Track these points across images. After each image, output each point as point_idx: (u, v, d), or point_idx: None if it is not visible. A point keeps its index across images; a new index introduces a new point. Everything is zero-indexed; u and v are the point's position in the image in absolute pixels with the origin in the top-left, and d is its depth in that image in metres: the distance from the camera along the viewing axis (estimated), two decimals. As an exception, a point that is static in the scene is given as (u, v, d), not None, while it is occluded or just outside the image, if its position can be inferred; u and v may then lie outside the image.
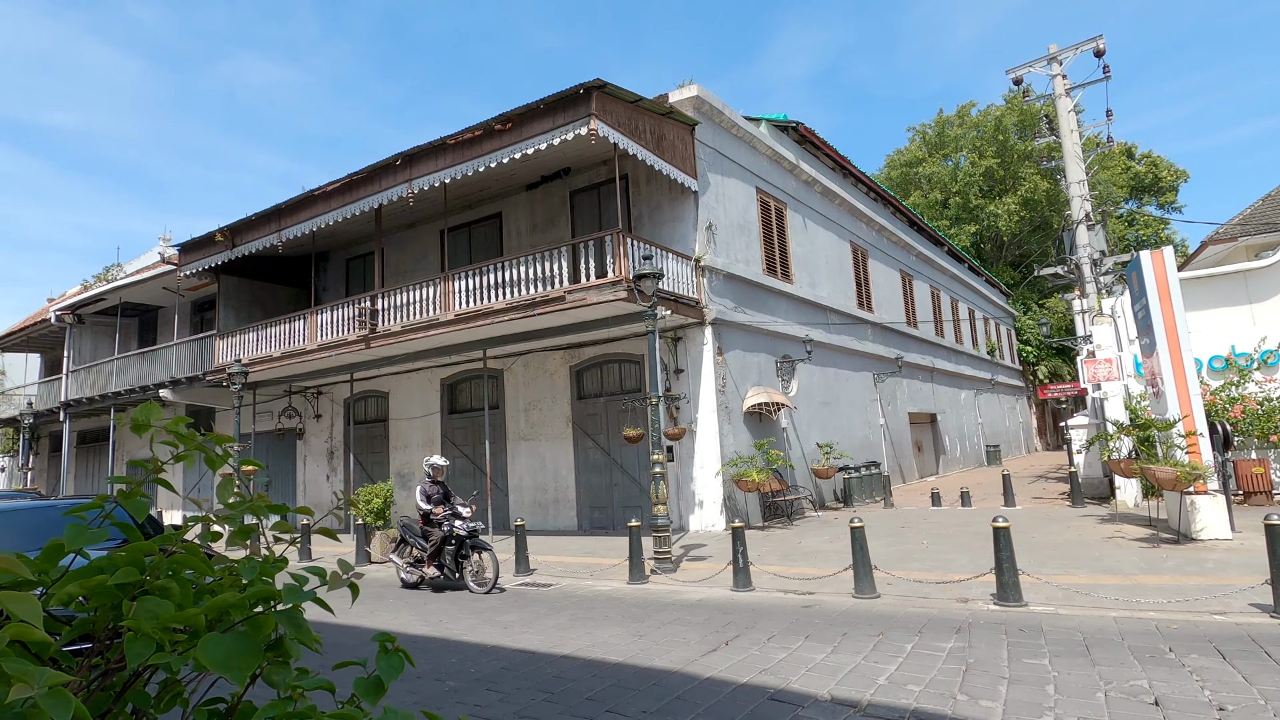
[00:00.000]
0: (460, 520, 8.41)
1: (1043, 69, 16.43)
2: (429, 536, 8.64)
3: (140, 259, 29.00)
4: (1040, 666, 4.56)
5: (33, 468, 23.47)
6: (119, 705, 0.99)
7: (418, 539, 8.81)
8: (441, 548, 8.48)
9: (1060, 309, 33.26)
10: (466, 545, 8.40)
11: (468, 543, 8.39)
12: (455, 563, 8.42)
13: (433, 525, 8.56)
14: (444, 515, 8.47)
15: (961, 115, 39.25)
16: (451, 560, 8.42)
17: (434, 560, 8.52)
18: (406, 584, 8.84)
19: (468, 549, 8.40)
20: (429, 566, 8.52)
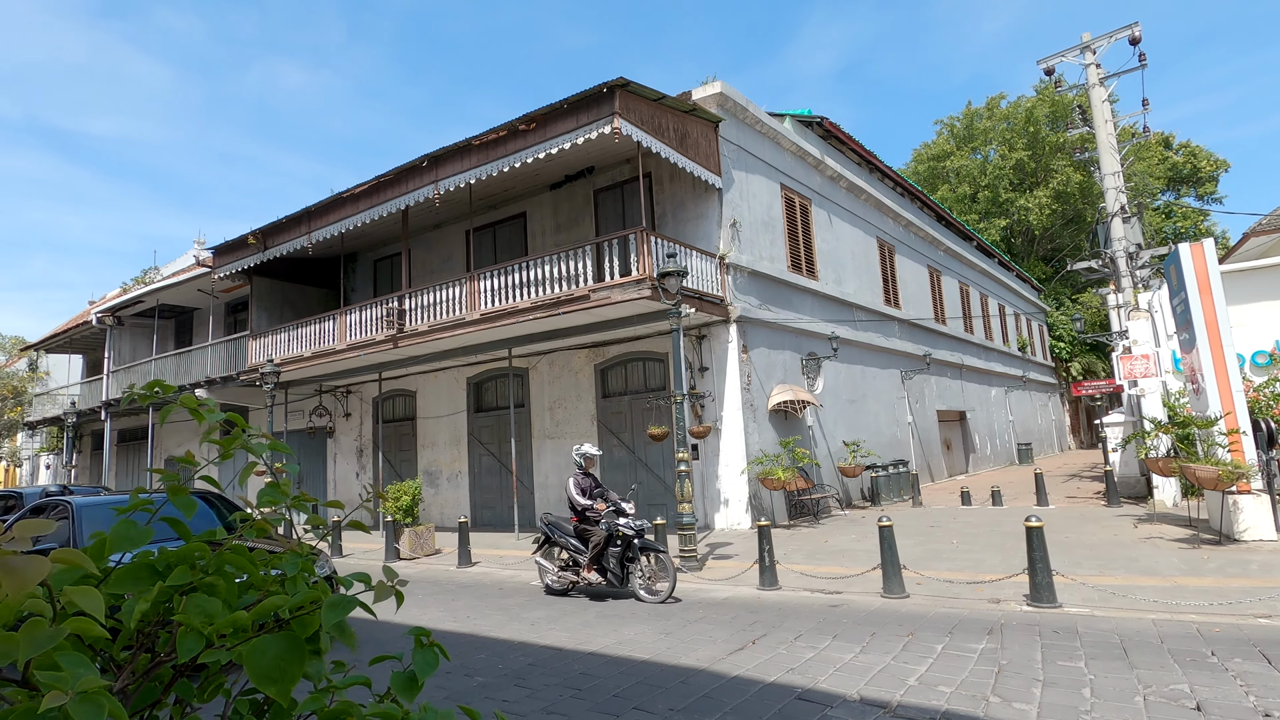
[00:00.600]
0: (624, 518, 7.46)
1: (1075, 58, 16.04)
2: (586, 537, 7.62)
3: (176, 261, 29.75)
4: (1076, 669, 4.46)
5: (76, 465, 24.24)
6: (165, 697, 1.02)
7: (569, 539, 7.78)
8: (605, 549, 7.46)
9: (1094, 304, 32.48)
10: (634, 547, 7.39)
11: (635, 544, 7.38)
12: (621, 567, 7.41)
13: (590, 524, 7.61)
14: (606, 512, 7.54)
15: (991, 107, 38.50)
16: (616, 564, 7.40)
17: (595, 564, 7.50)
18: (552, 590, 7.91)
19: (635, 551, 7.40)
20: (588, 571, 7.50)
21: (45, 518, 6.21)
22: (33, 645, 0.65)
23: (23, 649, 0.65)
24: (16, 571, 0.65)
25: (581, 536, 7.69)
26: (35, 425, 25.80)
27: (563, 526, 7.89)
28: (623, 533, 7.37)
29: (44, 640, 0.66)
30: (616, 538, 7.41)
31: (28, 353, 28.89)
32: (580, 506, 7.65)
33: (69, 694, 0.63)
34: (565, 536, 7.81)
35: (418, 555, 11.50)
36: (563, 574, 7.75)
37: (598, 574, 7.48)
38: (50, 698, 0.62)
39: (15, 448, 30.87)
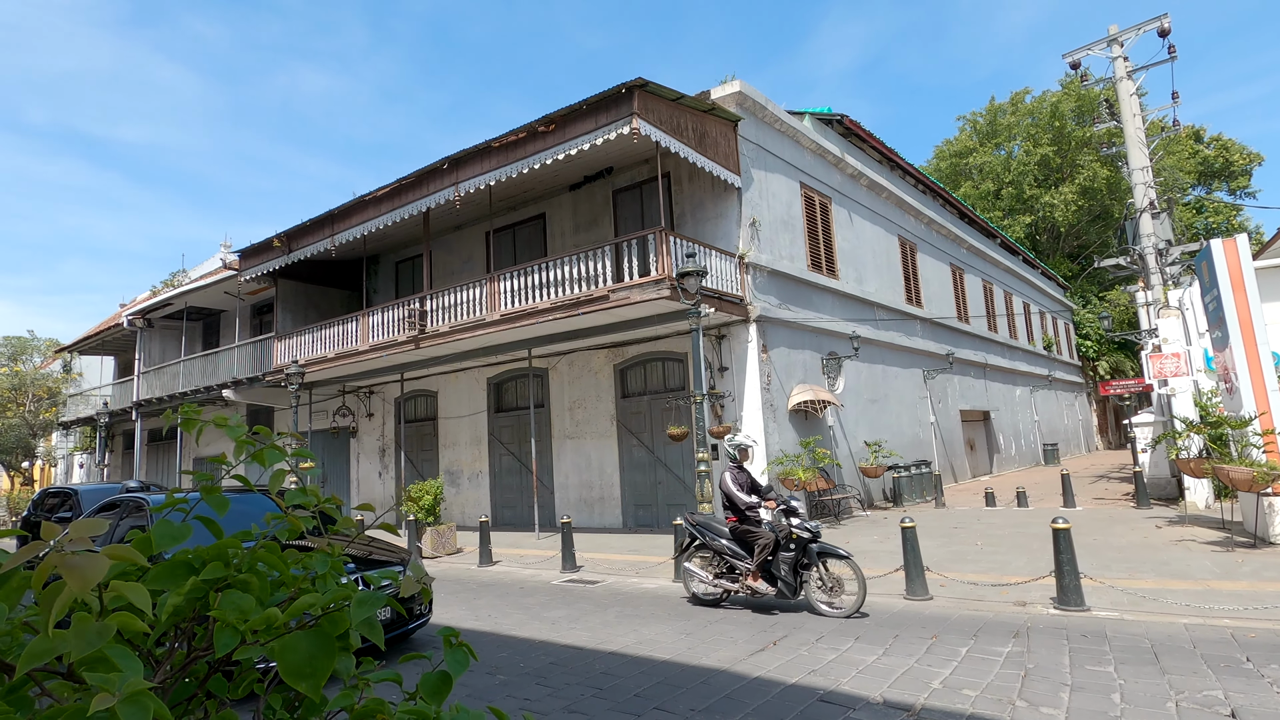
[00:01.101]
0: (797, 518, 6.49)
1: (1102, 51, 15.74)
2: (747, 540, 6.66)
3: (204, 264, 30.33)
4: (1105, 674, 4.38)
5: (108, 464, 24.81)
6: (200, 693, 1.04)
7: (726, 542, 6.77)
8: (775, 554, 6.52)
9: (1122, 302, 31.85)
10: (810, 551, 6.39)
11: (811, 548, 6.38)
12: (794, 575, 6.43)
13: (751, 524, 6.69)
14: (776, 511, 6.63)
15: (1015, 102, 37.92)
16: (789, 571, 6.41)
17: (763, 571, 6.57)
18: (700, 599, 6.98)
19: (811, 556, 6.39)
20: (754, 579, 6.51)
21: (119, 513, 6.24)
22: (83, 643, 0.68)
23: (74, 646, 0.67)
24: (78, 570, 0.67)
25: (741, 540, 6.69)
26: (69, 425, 26.45)
27: (714, 528, 6.91)
28: (797, 535, 6.38)
29: (93, 637, 0.68)
30: (790, 541, 6.42)
31: (62, 355, 29.64)
32: (744, 505, 6.66)
33: (116, 695, 0.65)
34: (719, 539, 6.80)
35: (439, 554, 11.61)
36: (718, 581, 6.73)
37: (765, 582, 6.52)
38: (99, 699, 0.64)
39: (50, 447, 31.68)
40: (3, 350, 31.61)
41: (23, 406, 29.79)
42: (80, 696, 0.82)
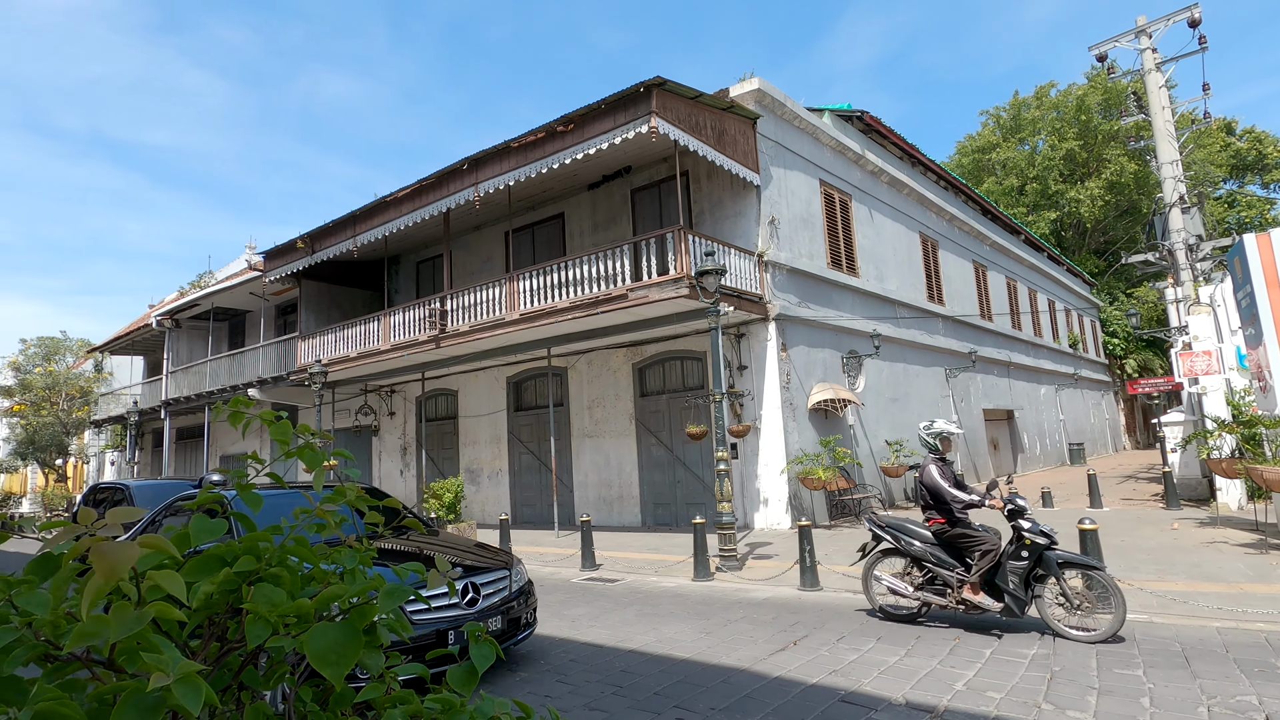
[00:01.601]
0: (1027, 519, 5.36)
1: (1130, 43, 15.42)
2: (963, 545, 5.55)
3: (229, 266, 30.87)
4: (1134, 677, 4.31)
5: (138, 461, 25.36)
6: (234, 683, 1.07)
7: (930, 547, 5.70)
8: (999, 563, 5.39)
9: (1151, 299, 31.19)
10: (1049, 561, 5.23)
11: (1049, 556, 5.23)
12: (1025, 588, 5.29)
13: (964, 526, 5.59)
14: (1011, 509, 5.40)
15: (1039, 96, 37.28)
16: (1020, 584, 5.27)
17: (983, 582, 5.47)
18: (890, 613, 5.94)
19: (1050, 566, 5.22)
20: (973, 592, 5.45)
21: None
22: (122, 627, 0.70)
23: (113, 630, 0.69)
24: (109, 557, 0.70)
25: (950, 545, 5.64)
26: (101, 423, 27.08)
27: (910, 529, 5.88)
28: (1031, 540, 5.26)
29: (131, 623, 0.71)
30: (1022, 548, 5.31)
31: (93, 355, 30.35)
32: (962, 502, 5.50)
33: (170, 676, 0.67)
34: (919, 543, 5.75)
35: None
36: (920, 593, 5.67)
37: (988, 596, 5.45)
38: (155, 678, 0.66)
39: (83, 445, 32.44)
40: (37, 350, 32.41)
41: (56, 405, 30.55)
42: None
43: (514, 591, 5.18)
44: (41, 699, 0.70)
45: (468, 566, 5.08)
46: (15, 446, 31.84)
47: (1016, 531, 5.37)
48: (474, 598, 4.82)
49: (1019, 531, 5.34)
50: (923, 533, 5.82)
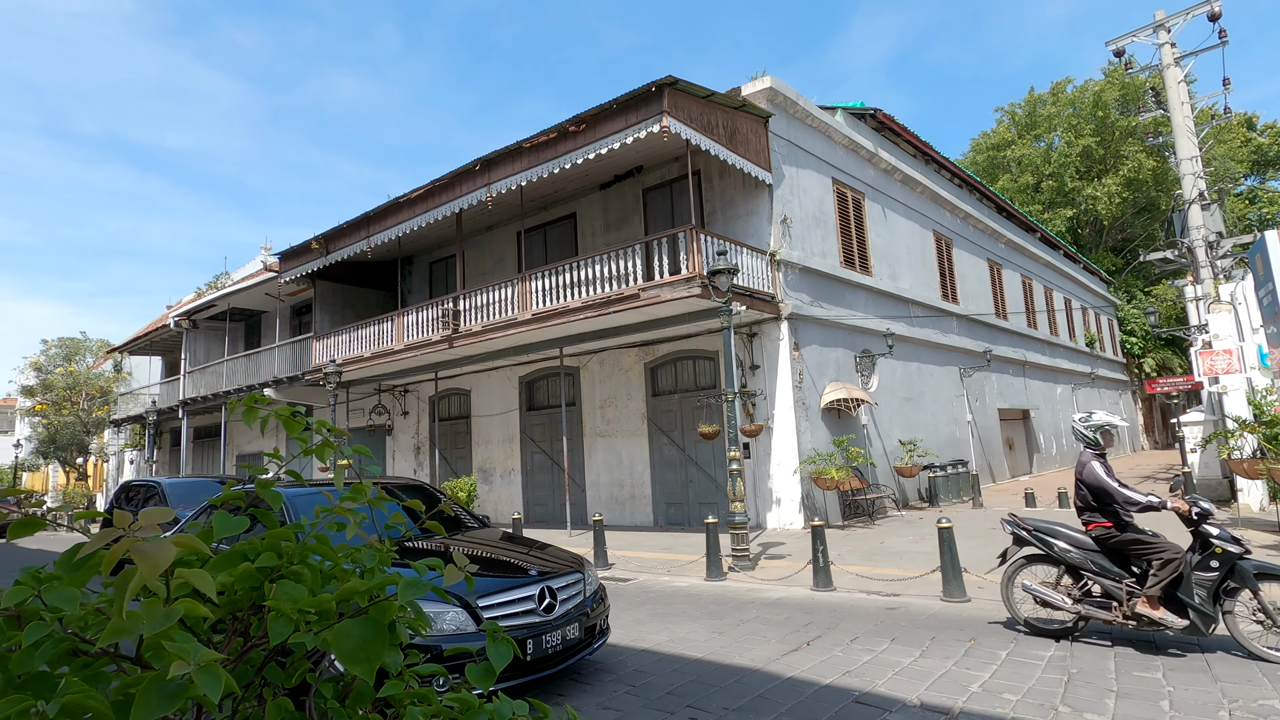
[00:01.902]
0: (1214, 525, 4.77)
1: (1148, 38, 15.23)
2: (1135, 552, 4.92)
3: (245, 267, 31.19)
4: (1153, 680, 4.26)
5: (156, 460, 25.70)
6: (257, 679, 1.08)
7: (1091, 555, 5.08)
8: (1181, 574, 4.73)
9: (1170, 297, 30.75)
10: (1243, 572, 4.58)
11: (1242, 566, 4.60)
12: (1212, 602, 4.64)
13: (1137, 532, 4.97)
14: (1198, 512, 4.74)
15: (1055, 92, 36.87)
16: (1207, 598, 4.63)
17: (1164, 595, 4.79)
18: (1038, 627, 5.32)
19: (1245, 578, 4.57)
20: (1151, 606, 4.77)
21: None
22: (153, 623, 0.71)
23: (146, 627, 0.71)
24: (149, 556, 0.71)
25: (1116, 552, 5.01)
26: (120, 423, 27.47)
27: (1061, 533, 5.25)
28: (1222, 549, 4.64)
29: (161, 619, 0.72)
30: (1210, 558, 4.69)
31: (113, 355, 30.79)
32: (1138, 504, 4.84)
33: (191, 664, 0.68)
34: (1076, 550, 5.12)
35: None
36: (1081, 605, 5.03)
37: (1169, 611, 4.76)
38: (176, 666, 0.68)
39: (103, 444, 32.93)
40: (58, 351, 32.95)
41: (77, 405, 31.03)
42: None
43: (589, 596, 4.87)
44: (69, 692, 0.72)
45: (542, 570, 4.70)
46: (37, 445, 32.38)
47: (1201, 538, 4.76)
48: (551, 604, 4.48)
49: (1206, 538, 4.73)
50: (1079, 537, 5.18)
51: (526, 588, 4.44)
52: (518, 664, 4.06)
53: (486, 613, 4.14)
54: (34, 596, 0.90)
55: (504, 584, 4.45)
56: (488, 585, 4.38)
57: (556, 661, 4.36)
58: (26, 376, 32.55)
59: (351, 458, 1.40)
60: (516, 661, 3.88)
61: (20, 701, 0.68)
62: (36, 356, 32.63)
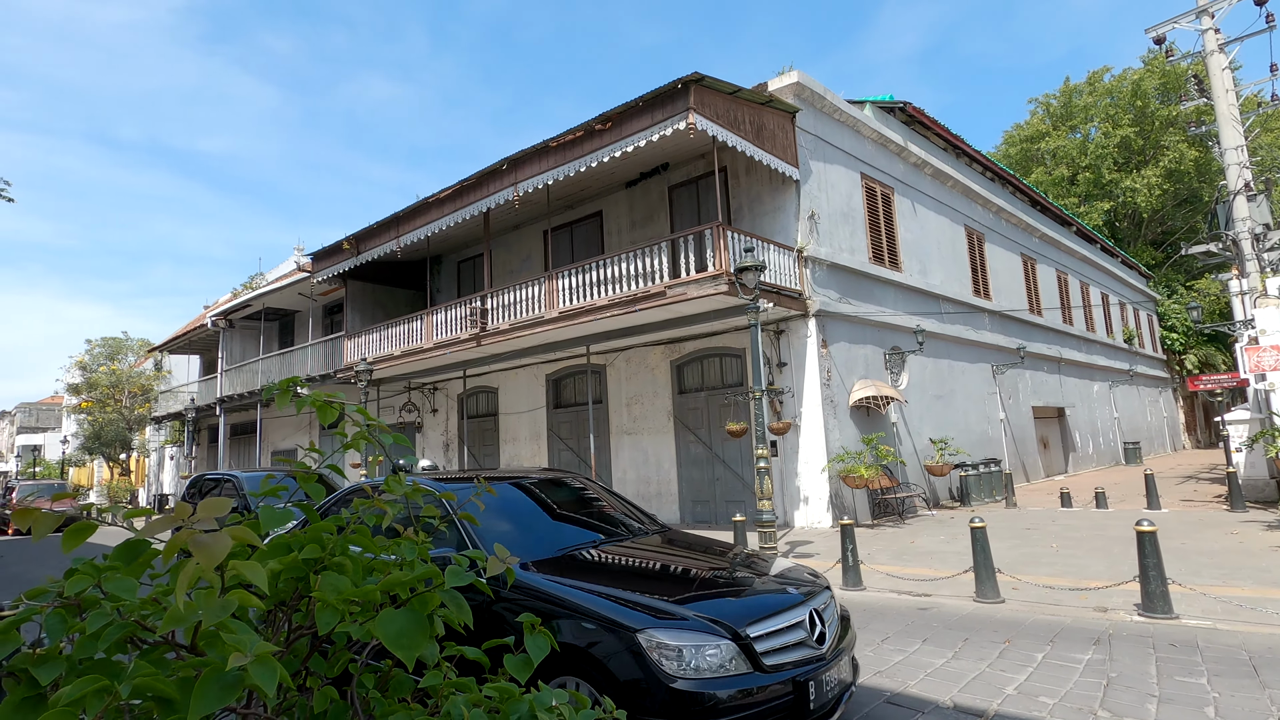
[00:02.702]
0: None
1: (1190, 24, 14.75)
2: None
3: (279, 267, 31.86)
4: (1197, 686, 4.14)
5: (195, 456, 26.42)
6: (303, 668, 1.11)
7: None
8: None
9: (1213, 291, 29.81)
10: None
11: None
12: None
13: None
14: None
15: (1092, 82, 35.91)
16: None
17: None
18: None
19: None
20: None
21: None
22: (211, 613, 0.74)
23: (205, 616, 0.73)
24: (207, 547, 0.73)
25: None
26: (160, 420, 28.29)
27: None
28: None
29: (218, 610, 0.75)
30: None
31: (153, 354, 31.71)
32: None
33: (248, 656, 0.71)
34: None
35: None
36: None
37: None
38: (234, 658, 0.70)
39: (144, 440, 33.94)
40: (101, 350, 34.02)
41: (120, 402, 32.02)
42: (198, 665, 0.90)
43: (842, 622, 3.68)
44: (138, 675, 0.74)
45: (799, 588, 3.53)
46: (83, 442, 33.49)
47: None
48: (821, 632, 3.32)
49: None
50: None
51: (793, 610, 3.25)
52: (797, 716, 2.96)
53: (759, 645, 3.00)
54: (93, 586, 0.94)
55: (767, 604, 3.26)
56: (745, 608, 3.21)
57: (830, 712, 3.16)
58: (72, 375, 33.70)
59: (391, 448, 1.43)
60: (795, 713, 2.97)
61: (95, 682, 0.71)
62: (81, 356, 33.74)
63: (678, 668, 2.83)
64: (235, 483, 9.95)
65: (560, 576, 3.41)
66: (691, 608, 3.10)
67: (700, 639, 2.90)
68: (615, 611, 3.04)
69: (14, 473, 51.74)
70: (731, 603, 3.29)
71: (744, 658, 2.94)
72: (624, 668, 2.88)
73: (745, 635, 2.98)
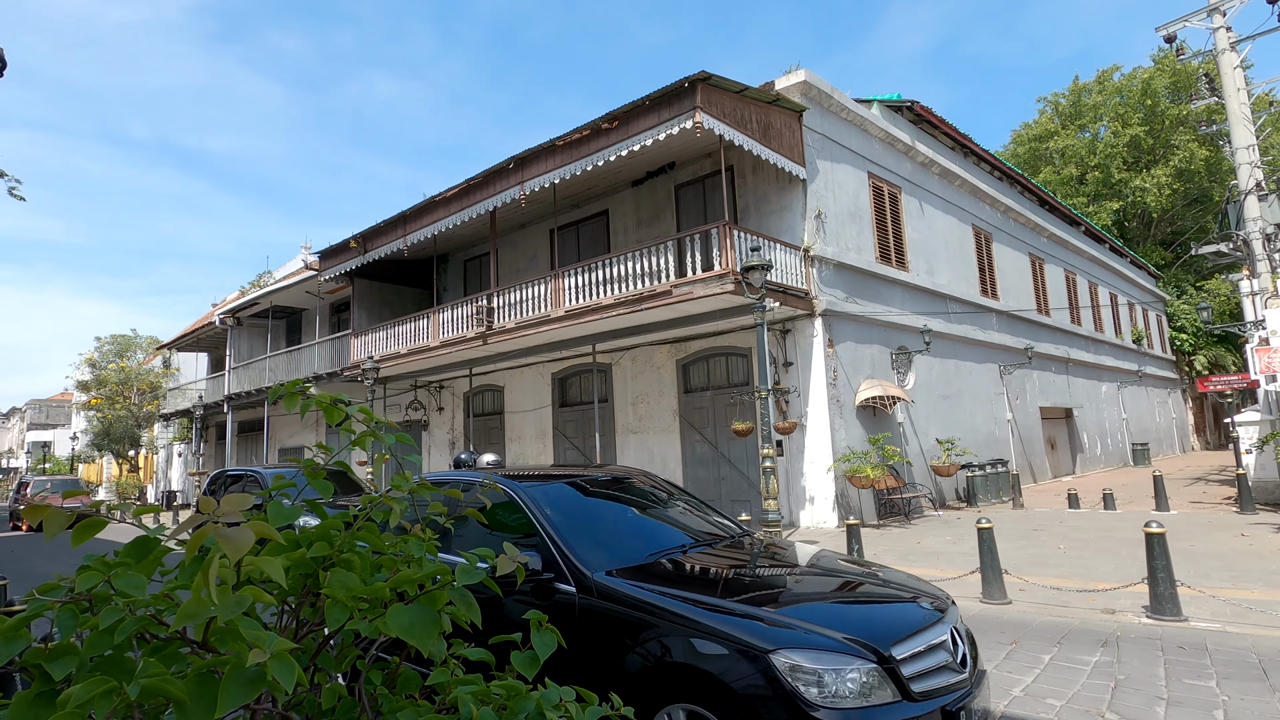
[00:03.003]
0: None
1: (1201, 22, 14.63)
2: None
3: (286, 265, 31.98)
4: (1205, 689, 4.11)
5: (203, 453, 26.57)
6: (312, 664, 1.12)
7: None
8: None
9: (1223, 292, 29.60)
10: None
11: None
12: None
13: None
14: None
15: (1102, 81, 35.66)
16: None
17: None
18: None
19: None
20: None
21: None
22: (227, 609, 0.74)
23: (220, 612, 0.74)
24: (232, 540, 0.74)
25: None
26: (169, 417, 28.46)
27: None
28: None
29: (234, 605, 0.75)
30: None
31: (162, 351, 31.90)
32: None
33: (267, 652, 0.71)
34: None
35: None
36: None
37: None
38: (254, 655, 0.70)
39: (153, 437, 34.16)
40: (110, 348, 34.24)
41: (128, 399, 32.23)
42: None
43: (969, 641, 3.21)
44: (147, 674, 0.75)
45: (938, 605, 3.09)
46: (92, 438, 33.73)
47: None
48: (964, 654, 2.95)
49: None
50: None
51: (935, 628, 2.86)
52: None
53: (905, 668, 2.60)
54: (103, 583, 0.94)
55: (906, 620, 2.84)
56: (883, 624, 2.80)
57: None
58: (82, 372, 33.93)
59: (394, 448, 1.43)
60: None
61: (104, 683, 0.72)
62: (91, 353, 33.97)
63: (819, 695, 2.40)
64: (260, 478, 9.95)
65: (660, 585, 2.97)
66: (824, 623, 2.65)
67: (842, 661, 2.49)
68: (740, 627, 2.59)
69: (24, 469, 52.20)
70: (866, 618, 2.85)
71: (890, 683, 2.54)
72: (754, 696, 2.43)
73: (891, 656, 2.57)
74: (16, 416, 74.79)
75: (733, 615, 2.68)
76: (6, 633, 0.83)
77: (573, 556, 3.25)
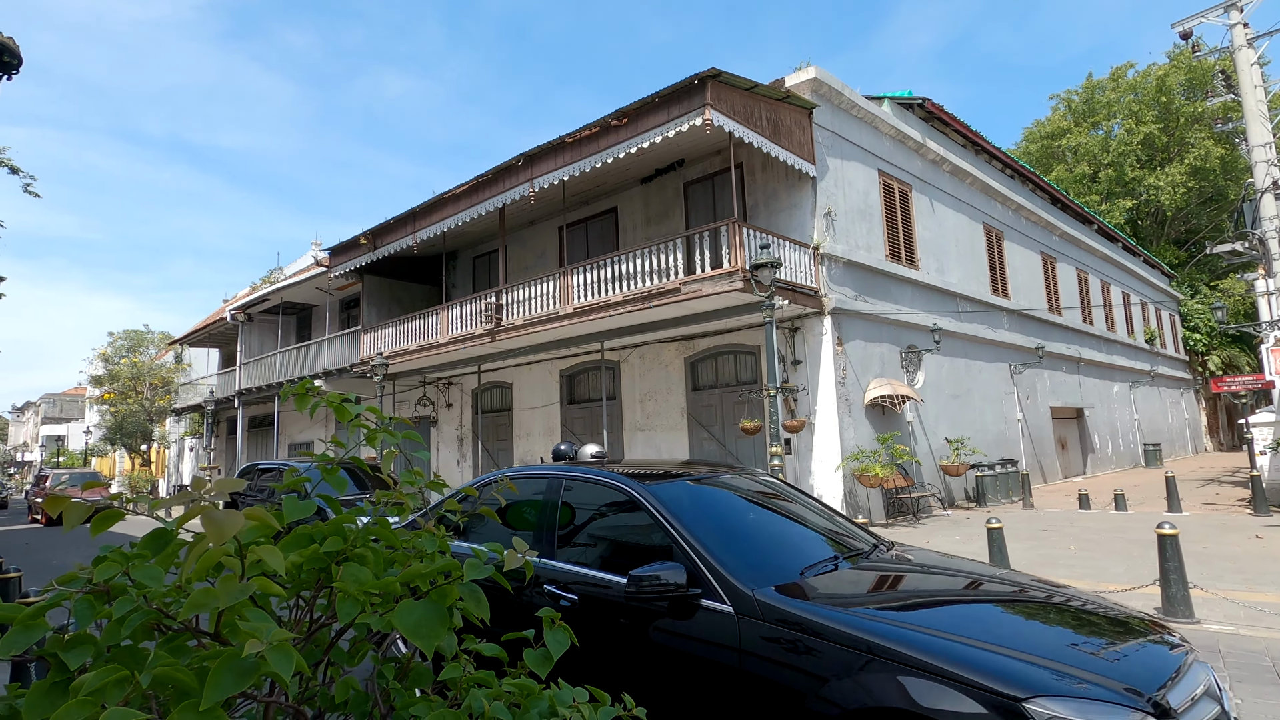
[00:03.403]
0: None
1: (1218, 18, 14.46)
2: None
3: (297, 262, 32.15)
4: (1218, 692, 4.06)
5: (214, 448, 26.78)
6: (324, 658, 1.12)
7: None
8: None
9: (1238, 291, 29.29)
10: None
11: None
12: None
13: None
14: None
15: (1115, 78, 35.33)
16: None
17: None
18: None
19: None
20: None
21: None
22: (228, 597, 0.75)
23: (221, 600, 0.74)
24: (218, 523, 0.74)
25: None
26: (180, 412, 28.70)
27: None
28: None
29: (236, 593, 0.75)
30: None
31: (174, 347, 32.16)
32: None
33: (264, 643, 0.71)
34: None
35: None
36: None
37: None
38: (250, 644, 0.71)
39: (164, 431, 34.47)
40: (123, 343, 34.57)
41: (141, 394, 32.53)
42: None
43: None
44: (158, 664, 0.75)
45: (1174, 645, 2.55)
46: (105, 432, 34.07)
47: None
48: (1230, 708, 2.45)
49: None
50: None
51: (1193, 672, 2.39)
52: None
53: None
54: (121, 574, 0.95)
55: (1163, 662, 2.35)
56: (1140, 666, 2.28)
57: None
58: (95, 367, 34.28)
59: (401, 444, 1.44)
60: None
61: (116, 671, 0.73)
62: (104, 348, 34.30)
63: None
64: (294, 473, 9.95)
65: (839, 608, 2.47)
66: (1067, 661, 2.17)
67: (1107, 712, 1.98)
68: (972, 666, 2.07)
69: (39, 462, 52.79)
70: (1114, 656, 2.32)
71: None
72: None
73: (1168, 706, 2.07)
74: (31, 411, 75.67)
75: (955, 649, 2.15)
76: (24, 621, 0.84)
77: (724, 570, 2.72)
